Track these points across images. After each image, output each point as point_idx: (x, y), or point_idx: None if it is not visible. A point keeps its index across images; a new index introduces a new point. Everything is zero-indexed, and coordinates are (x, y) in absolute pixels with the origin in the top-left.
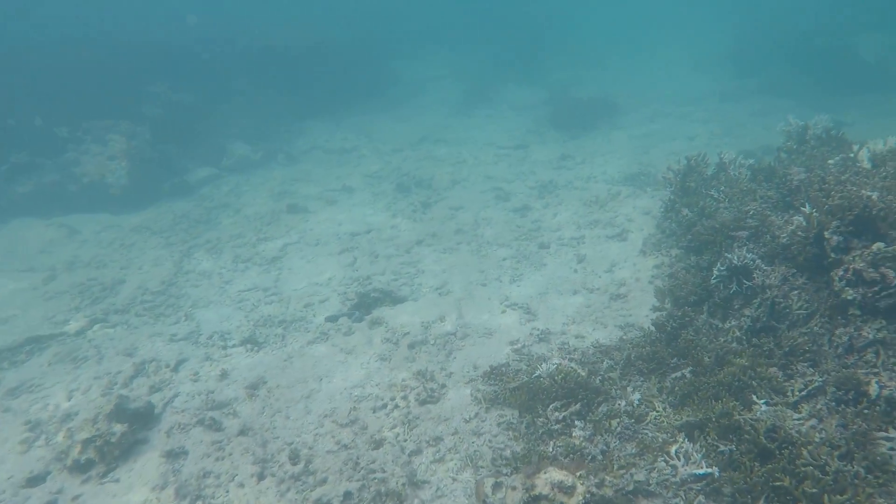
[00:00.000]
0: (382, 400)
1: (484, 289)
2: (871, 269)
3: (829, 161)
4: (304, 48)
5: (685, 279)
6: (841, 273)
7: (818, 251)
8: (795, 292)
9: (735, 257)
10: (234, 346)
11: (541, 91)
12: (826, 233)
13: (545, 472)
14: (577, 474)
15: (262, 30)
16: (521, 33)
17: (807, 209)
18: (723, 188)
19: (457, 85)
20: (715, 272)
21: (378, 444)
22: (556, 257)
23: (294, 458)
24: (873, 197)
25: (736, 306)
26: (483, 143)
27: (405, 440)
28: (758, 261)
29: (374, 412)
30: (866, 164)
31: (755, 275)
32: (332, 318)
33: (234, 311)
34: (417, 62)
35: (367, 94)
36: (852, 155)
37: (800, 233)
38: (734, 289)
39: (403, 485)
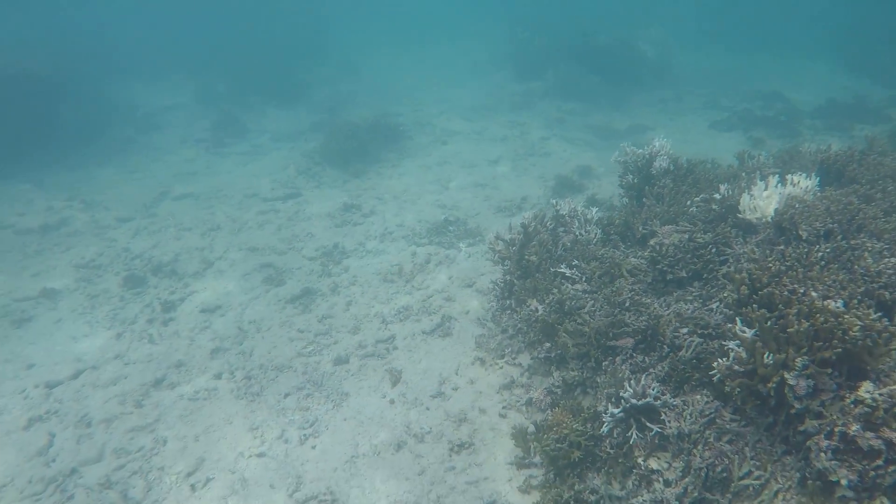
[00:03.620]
0: None
1: (261, 463)
2: (869, 434)
3: (688, 203)
4: None
5: (559, 419)
6: (825, 444)
7: (768, 392)
8: (730, 445)
9: (631, 392)
10: None
11: (306, 114)
12: (789, 375)
13: None
14: None
15: None
16: (273, 42)
17: (746, 333)
18: (575, 262)
19: (204, 113)
20: (606, 418)
21: None
22: (361, 379)
23: None
24: (848, 318)
25: (640, 459)
26: (242, 195)
27: None
28: (666, 395)
29: None
30: (750, 217)
31: (664, 416)
32: None
33: None
34: (152, 90)
35: (85, 137)
36: (717, 196)
37: (737, 367)
38: (634, 438)
39: None
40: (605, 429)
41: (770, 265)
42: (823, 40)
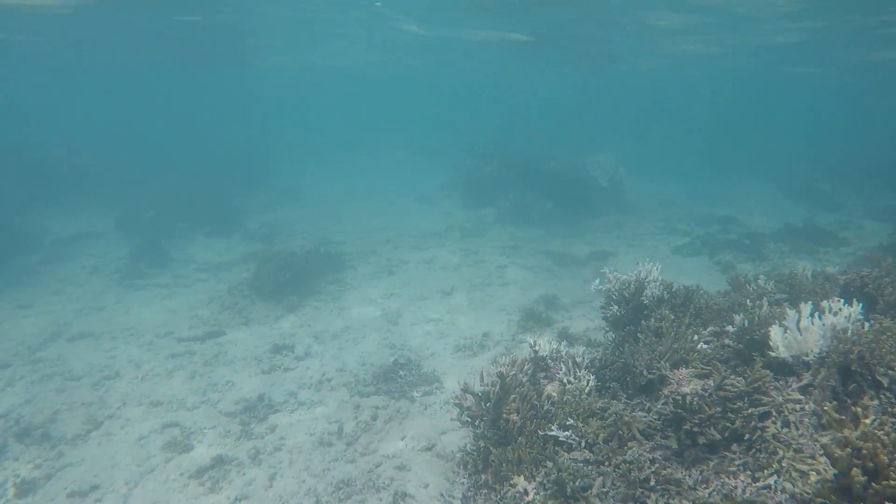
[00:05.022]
0: None
1: None
2: None
3: (695, 338)
4: None
5: None
6: None
7: None
8: None
9: None
10: None
11: (240, 242)
12: None
13: None
14: None
15: None
16: (209, 167)
17: None
18: (570, 421)
19: (125, 241)
20: None
21: None
22: None
23: None
24: None
25: None
26: (154, 335)
27: None
28: None
29: None
30: (785, 355)
31: None
32: None
33: None
34: (70, 215)
35: None
36: (731, 328)
37: None
38: None
39: None
40: None
41: (884, 436)
42: (761, 168)
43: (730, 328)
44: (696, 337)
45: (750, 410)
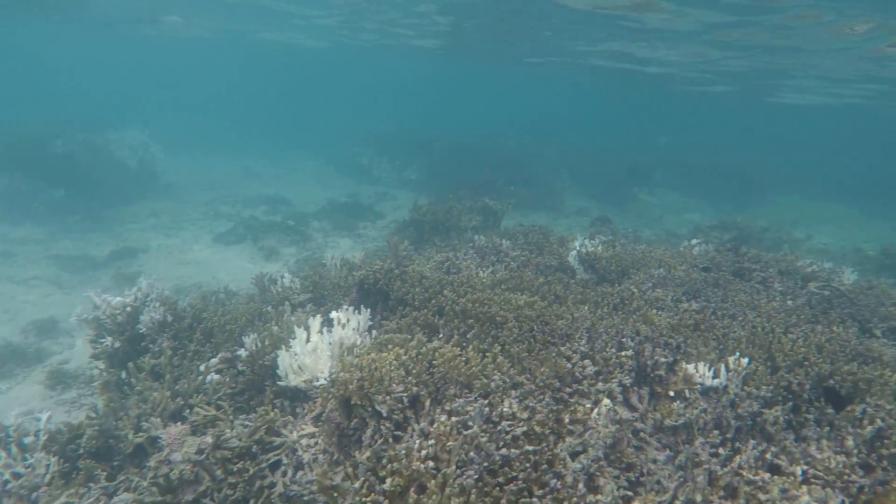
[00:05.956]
0: None
1: None
2: None
3: (202, 368)
4: None
5: None
6: None
7: None
8: None
9: None
10: None
11: None
12: None
13: None
14: None
15: None
16: None
17: None
18: None
19: None
20: None
21: None
22: None
23: None
24: None
25: None
26: None
27: None
28: None
29: None
30: (296, 381)
31: None
32: None
33: None
34: None
35: None
36: (243, 352)
37: None
38: None
39: None
40: None
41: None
42: (313, 144)
43: (242, 352)
44: (202, 368)
45: (253, 470)
